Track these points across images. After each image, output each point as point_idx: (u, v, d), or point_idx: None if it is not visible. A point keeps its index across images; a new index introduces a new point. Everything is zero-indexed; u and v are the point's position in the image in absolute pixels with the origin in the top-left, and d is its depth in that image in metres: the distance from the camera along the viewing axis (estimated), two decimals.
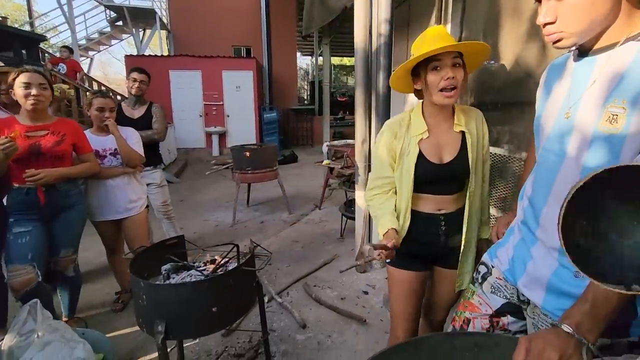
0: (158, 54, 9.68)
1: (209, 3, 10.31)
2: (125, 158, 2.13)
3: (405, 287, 1.28)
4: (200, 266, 1.55)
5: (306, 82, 17.31)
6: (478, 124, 1.22)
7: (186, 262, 1.56)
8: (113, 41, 11.13)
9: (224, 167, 6.64)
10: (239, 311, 1.47)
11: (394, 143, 1.20)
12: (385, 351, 0.71)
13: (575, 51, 0.80)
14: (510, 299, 0.93)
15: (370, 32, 2.53)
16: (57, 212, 1.89)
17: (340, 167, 4.13)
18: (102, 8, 9.83)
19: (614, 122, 0.67)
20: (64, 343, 1.53)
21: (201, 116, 9.00)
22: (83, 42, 9.99)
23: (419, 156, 1.17)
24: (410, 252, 1.26)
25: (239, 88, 9.03)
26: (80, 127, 2.00)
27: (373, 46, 2.53)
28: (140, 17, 9.69)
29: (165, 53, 10.22)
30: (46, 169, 1.77)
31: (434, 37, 1.07)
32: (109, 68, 22.19)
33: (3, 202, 1.75)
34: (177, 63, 8.74)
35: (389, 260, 1.30)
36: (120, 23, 10.14)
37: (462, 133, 1.19)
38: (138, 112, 2.72)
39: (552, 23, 0.72)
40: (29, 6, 9.53)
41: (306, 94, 16.21)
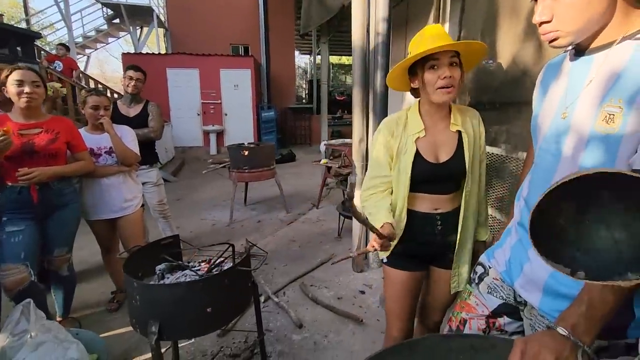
0: (155, 52, 9.62)
1: (207, 1, 10.27)
2: (120, 156, 2.11)
3: (400, 287, 1.28)
4: (195, 266, 1.54)
5: (304, 81, 17.28)
6: (474, 124, 1.22)
7: (181, 262, 1.55)
8: (110, 39, 11.06)
9: (221, 166, 6.62)
10: (234, 311, 1.46)
11: (391, 141, 1.19)
12: (380, 353, 0.70)
13: (571, 50, 0.79)
14: (506, 300, 0.92)
15: (368, 31, 2.52)
16: (51, 211, 1.87)
17: (337, 166, 4.12)
18: (99, 5, 9.76)
19: (611, 122, 0.66)
20: (57, 343, 1.52)
21: (199, 115, 8.96)
22: (80, 40, 9.92)
23: (416, 155, 1.16)
24: (406, 252, 1.26)
25: (237, 86, 9.00)
26: (74, 125, 1.98)
27: (371, 45, 2.52)
28: (137, 15, 9.63)
29: (162, 51, 10.17)
30: (39, 168, 1.75)
31: (432, 36, 1.06)
32: (107, 66, 22.11)
33: None
34: (175, 61, 8.70)
35: (386, 260, 1.30)
36: (117, 21, 10.08)
37: (459, 133, 1.19)
38: (134, 111, 2.70)
39: (548, 22, 0.71)
40: (25, 3, 9.44)
41: (304, 93, 16.18)
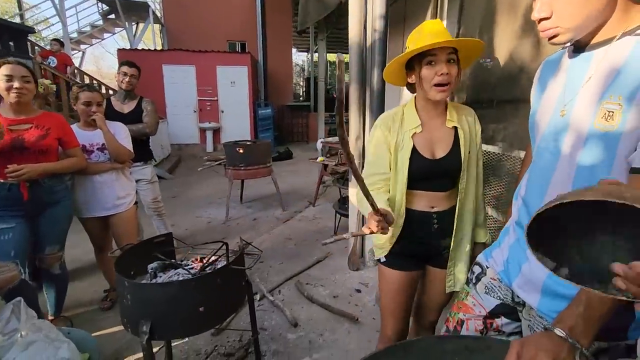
0: (151, 48, 9.54)
1: None
2: (113, 153, 2.08)
3: (396, 287, 1.26)
4: (188, 264, 1.52)
5: (302, 79, 17.23)
6: (470, 122, 1.21)
7: (174, 261, 1.53)
8: (105, 35, 10.97)
9: (217, 164, 6.58)
10: (228, 310, 1.44)
11: (389, 137, 1.18)
12: (374, 354, 0.69)
13: (570, 47, 0.78)
14: (504, 300, 0.91)
15: (365, 28, 2.50)
16: (42, 208, 1.84)
17: (334, 164, 4.10)
18: (94, 0, 9.67)
19: (610, 119, 0.65)
20: (48, 343, 1.49)
21: (195, 112, 8.91)
22: (74, 36, 9.82)
23: (413, 151, 1.15)
24: (402, 252, 1.24)
25: (234, 83, 8.95)
26: (66, 121, 1.95)
27: (368, 42, 2.50)
28: (133, 10, 9.54)
29: (158, 47, 10.10)
30: (29, 164, 1.71)
31: (431, 32, 1.06)
32: (102, 62, 21.95)
33: None
34: (171, 57, 8.63)
35: (384, 259, 1.28)
36: (112, 16, 9.99)
37: (455, 129, 1.18)
38: (128, 107, 2.66)
39: (548, 18, 0.70)
40: None
41: (302, 91, 16.13)
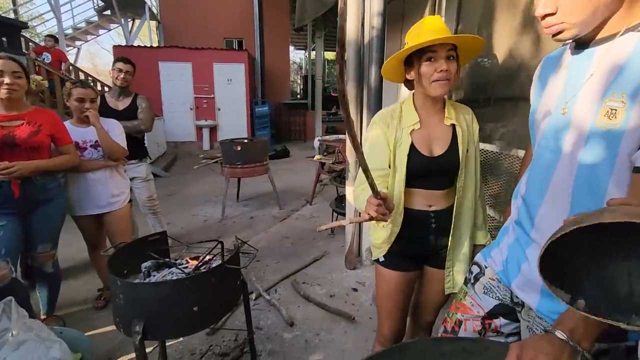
0: (147, 45, 9.46)
1: None
2: (107, 151, 2.05)
3: (393, 287, 1.25)
4: (182, 263, 1.49)
5: (299, 77, 17.17)
6: (468, 121, 1.20)
7: (168, 260, 1.51)
8: (101, 31, 10.84)
9: (213, 161, 6.54)
10: (223, 310, 1.42)
11: (388, 133, 1.16)
12: (370, 358, 0.67)
13: (571, 44, 0.76)
14: (503, 300, 0.90)
15: (362, 25, 2.48)
16: (35, 206, 1.81)
17: (331, 163, 4.08)
18: None
19: (613, 117, 0.63)
20: (40, 342, 1.47)
21: (192, 109, 8.85)
22: (69, 32, 9.71)
23: (411, 148, 1.13)
24: (400, 251, 1.23)
25: (231, 81, 8.89)
26: (58, 117, 1.91)
27: (365, 39, 2.48)
28: (128, 7, 9.43)
29: (154, 44, 10.01)
30: (21, 162, 1.68)
31: (431, 28, 1.04)
32: (98, 59, 21.75)
33: None
34: (167, 54, 8.56)
35: (382, 258, 1.26)
36: (108, 12, 9.87)
37: (453, 127, 1.16)
38: (122, 104, 2.63)
39: (553, 14, 0.68)
40: None
41: (299, 89, 16.09)
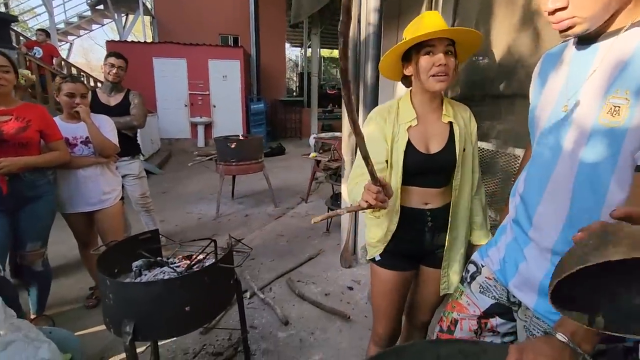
0: (141, 41, 9.35)
1: None
2: (97, 147, 2.01)
3: (389, 287, 1.23)
4: (174, 262, 1.47)
5: (295, 74, 17.10)
6: (466, 119, 1.19)
7: (160, 258, 1.48)
8: (94, 26, 10.67)
9: (208, 159, 6.49)
10: (216, 310, 1.40)
11: (385, 128, 1.14)
12: None
13: (574, 39, 0.74)
14: (499, 300, 0.89)
15: (359, 21, 2.45)
16: (23, 203, 1.77)
17: (327, 160, 4.06)
18: None
19: (616, 115, 0.62)
20: (28, 343, 1.44)
21: (186, 106, 8.77)
22: (62, 26, 9.56)
23: (408, 144, 1.11)
24: (396, 251, 1.21)
25: (226, 77, 8.82)
26: (48, 113, 1.87)
27: (362, 36, 2.45)
28: (122, 1, 9.30)
29: (149, 40, 9.89)
30: (9, 158, 1.64)
31: (430, 23, 1.03)
32: (92, 55, 21.42)
33: None
34: (162, 50, 8.46)
35: (378, 257, 1.24)
36: (101, 7, 9.72)
37: (450, 125, 1.15)
38: (114, 100, 2.59)
39: (564, 9, 0.65)
40: None
41: (295, 86, 16.02)
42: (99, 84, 7.41)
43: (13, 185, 1.71)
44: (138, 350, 1.27)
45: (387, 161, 1.13)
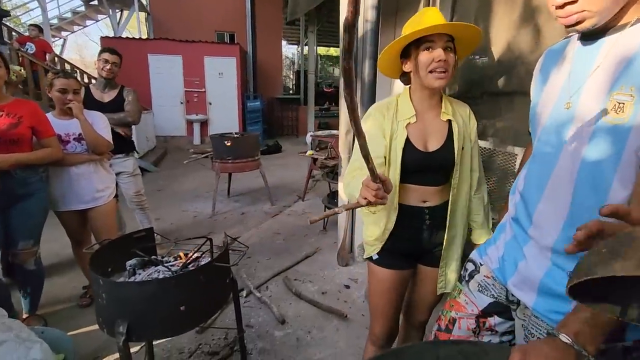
0: (136, 37, 9.25)
1: None
2: (91, 144, 1.97)
3: (387, 286, 1.22)
4: (169, 261, 1.45)
5: (292, 72, 17.05)
6: (465, 117, 1.18)
7: (154, 257, 1.46)
8: (88, 22, 10.54)
9: (203, 156, 6.45)
10: (211, 309, 1.38)
11: (384, 124, 1.12)
12: None
13: (578, 35, 0.73)
14: (498, 299, 0.88)
15: None
16: (14, 201, 1.74)
17: (324, 158, 4.04)
18: None
19: (620, 112, 0.60)
20: (19, 343, 1.41)
21: (182, 103, 8.70)
22: (55, 22, 9.43)
23: (406, 142, 1.10)
24: (394, 249, 1.20)
25: (222, 75, 8.75)
26: (40, 109, 1.84)
27: (359, 33, 2.43)
28: None
29: (144, 36, 9.79)
30: (0, 155, 1.61)
31: (430, 18, 1.02)
32: (86, 51, 21.17)
33: None
34: (157, 47, 8.38)
35: (376, 256, 1.23)
36: (95, 2, 9.60)
37: (449, 123, 1.13)
38: (108, 96, 2.55)
39: (573, 2, 0.64)
40: None
41: (291, 84, 15.97)
42: (93, 81, 7.33)
43: (4, 182, 1.67)
44: (133, 349, 1.26)
45: (385, 157, 1.12)
